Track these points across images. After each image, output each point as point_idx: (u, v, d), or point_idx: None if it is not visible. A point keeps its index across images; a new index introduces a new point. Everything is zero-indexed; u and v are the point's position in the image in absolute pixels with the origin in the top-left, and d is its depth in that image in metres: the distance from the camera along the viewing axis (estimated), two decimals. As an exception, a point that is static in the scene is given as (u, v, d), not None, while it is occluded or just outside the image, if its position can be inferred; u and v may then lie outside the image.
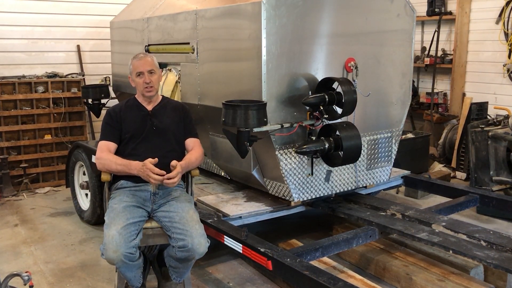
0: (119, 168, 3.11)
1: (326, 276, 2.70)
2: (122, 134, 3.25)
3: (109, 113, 3.34)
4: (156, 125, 3.27)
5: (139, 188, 3.15)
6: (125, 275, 2.98)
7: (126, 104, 3.38)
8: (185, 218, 2.97)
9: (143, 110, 3.33)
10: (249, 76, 3.59)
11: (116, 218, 2.90)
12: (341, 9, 3.80)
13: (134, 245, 2.84)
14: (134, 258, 2.85)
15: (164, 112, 3.35)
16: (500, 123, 5.18)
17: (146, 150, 3.18)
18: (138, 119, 3.29)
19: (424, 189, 4.88)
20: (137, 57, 3.31)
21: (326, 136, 3.59)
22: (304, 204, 3.92)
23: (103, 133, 3.30)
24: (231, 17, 3.74)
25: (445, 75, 6.95)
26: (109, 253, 2.78)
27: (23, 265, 3.92)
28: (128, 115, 3.29)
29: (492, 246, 3.20)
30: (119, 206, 2.99)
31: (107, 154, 3.17)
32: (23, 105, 5.86)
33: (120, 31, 5.54)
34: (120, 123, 3.26)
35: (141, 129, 3.25)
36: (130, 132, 3.24)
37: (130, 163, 3.07)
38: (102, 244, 2.83)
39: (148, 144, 3.23)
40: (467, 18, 6.51)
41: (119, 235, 2.80)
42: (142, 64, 3.25)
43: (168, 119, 3.33)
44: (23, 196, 5.66)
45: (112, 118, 3.29)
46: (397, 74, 4.24)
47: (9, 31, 5.98)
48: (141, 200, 3.11)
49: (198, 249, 2.89)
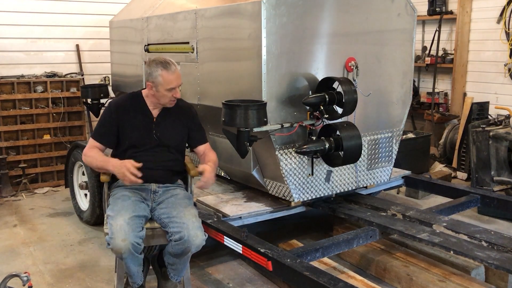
0: (99, 164, 3.10)
1: (327, 277, 2.69)
2: (121, 134, 3.18)
3: (110, 110, 3.21)
4: (159, 137, 3.18)
5: (140, 186, 3.13)
6: (129, 268, 2.94)
7: (131, 102, 3.23)
8: (182, 212, 2.98)
9: (148, 115, 3.20)
10: (249, 75, 3.58)
11: (122, 210, 2.90)
12: (342, 9, 3.78)
13: (141, 236, 2.85)
14: (139, 250, 2.85)
15: (169, 120, 3.23)
16: (501, 123, 5.17)
17: (147, 160, 3.12)
18: (141, 127, 3.17)
19: (425, 189, 4.86)
20: (169, 69, 3.05)
21: (327, 136, 3.57)
22: (304, 204, 3.90)
23: (97, 130, 3.23)
24: (231, 16, 3.73)
25: (446, 74, 6.93)
26: (117, 241, 2.76)
27: (22, 265, 3.90)
28: (131, 118, 3.17)
29: (493, 247, 3.18)
30: (123, 200, 3.01)
31: (92, 150, 3.14)
32: (22, 105, 5.84)
33: (120, 31, 5.52)
34: (120, 124, 3.17)
35: (144, 140, 3.16)
36: (132, 140, 3.15)
37: (108, 160, 3.06)
38: (108, 234, 2.82)
39: (149, 154, 3.16)
40: (468, 17, 6.49)
41: (127, 224, 2.81)
42: (175, 78, 3.08)
43: (173, 130, 3.23)
44: (22, 196, 5.64)
45: (111, 117, 3.18)
46: (397, 74, 4.22)
47: (8, 31, 5.96)
48: (142, 197, 3.12)
49: (194, 241, 2.87)
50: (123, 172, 2.94)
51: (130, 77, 5.32)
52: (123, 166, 2.96)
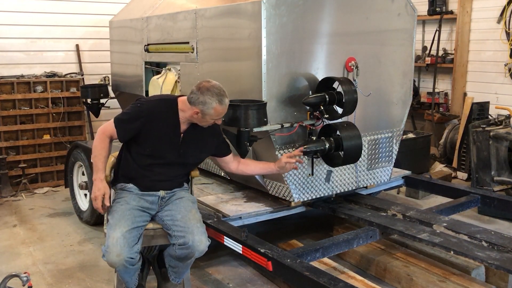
0: (94, 161, 2.99)
1: (327, 277, 2.68)
2: (143, 138, 3.01)
3: (141, 110, 3.01)
4: (182, 154, 3.09)
5: (147, 192, 3.09)
6: (122, 277, 2.97)
7: (165, 110, 3.03)
8: (187, 216, 2.96)
9: (176, 128, 3.04)
10: (249, 75, 3.57)
11: (122, 220, 2.87)
12: (342, 8, 3.78)
13: (136, 250, 2.83)
14: (134, 263, 2.84)
15: (196, 137, 3.12)
16: (501, 123, 5.16)
17: (161, 173, 3.07)
18: (167, 140, 3.03)
19: (425, 189, 4.86)
20: (223, 103, 2.96)
21: (327, 136, 3.57)
22: (304, 204, 3.90)
23: (124, 121, 3.00)
24: (231, 16, 3.72)
25: (446, 74, 6.93)
26: (111, 256, 2.76)
27: (22, 265, 3.90)
28: (159, 126, 3.00)
29: (493, 247, 3.18)
30: (124, 207, 2.95)
31: (104, 141, 2.99)
32: (22, 105, 5.83)
33: (120, 31, 5.52)
34: (142, 128, 2.98)
35: (166, 154, 3.06)
36: (154, 150, 3.03)
37: (98, 171, 2.94)
38: (105, 245, 2.81)
39: (166, 168, 3.09)
40: (468, 17, 6.49)
41: (124, 238, 2.78)
42: (224, 110, 3.00)
43: (198, 149, 3.15)
44: (21, 197, 5.64)
45: (141, 118, 2.98)
46: (398, 74, 4.22)
47: (8, 30, 5.96)
48: (147, 204, 3.05)
49: (199, 246, 2.87)
50: (96, 204, 2.90)
51: (130, 77, 5.31)
52: (99, 194, 2.89)
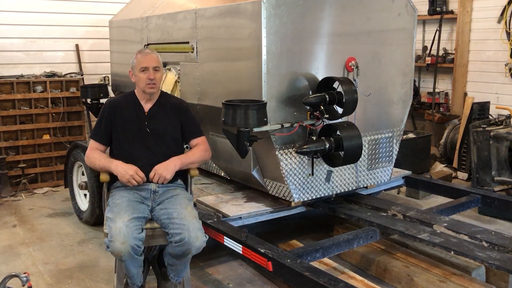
0: (101, 164, 3.19)
1: (327, 277, 2.68)
2: (114, 131, 3.24)
3: (107, 107, 3.31)
4: (151, 128, 3.23)
5: (139, 186, 3.14)
6: (129, 270, 2.95)
7: (125, 99, 3.34)
8: (183, 213, 2.97)
9: (139, 110, 3.28)
10: (249, 75, 3.57)
11: (121, 212, 2.91)
12: (342, 8, 3.77)
13: (141, 238, 2.85)
14: (139, 252, 2.85)
15: (161, 113, 3.30)
16: (502, 123, 5.16)
17: (144, 156, 3.17)
18: (134, 120, 3.25)
19: (425, 189, 4.86)
20: (142, 52, 3.28)
21: (327, 136, 3.56)
22: (304, 204, 3.89)
23: (95, 129, 3.32)
24: (231, 16, 3.72)
25: (446, 74, 6.92)
26: (116, 244, 2.76)
27: (22, 266, 3.90)
28: (124, 112, 3.26)
29: (493, 247, 3.18)
30: (122, 201, 3.01)
31: (94, 152, 3.24)
32: (22, 104, 5.83)
33: (119, 30, 5.51)
34: (113, 121, 3.25)
35: (136, 132, 3.22)
36: (125, 133, 3.22)
37: (111, 161, 3.15)
38: (108, 237, 2.82)
39: (145, 148, 3.20)
40: (468, 17, 6.48)
41: (126, 227, 2.81)
42: (148, 59, 3.21)
43: (165, 122, 3.28)
44: (21, 197, 5.63)
45: (108, 114, 3.26)
46: (398, 74, 4.21)
47: (7, 30, 5.95)
48: (141, 198, 3.11)
49: (195, 242, 2.87)
50: (128, 180, 3.05)
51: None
52: (127, 172, 3.06)
